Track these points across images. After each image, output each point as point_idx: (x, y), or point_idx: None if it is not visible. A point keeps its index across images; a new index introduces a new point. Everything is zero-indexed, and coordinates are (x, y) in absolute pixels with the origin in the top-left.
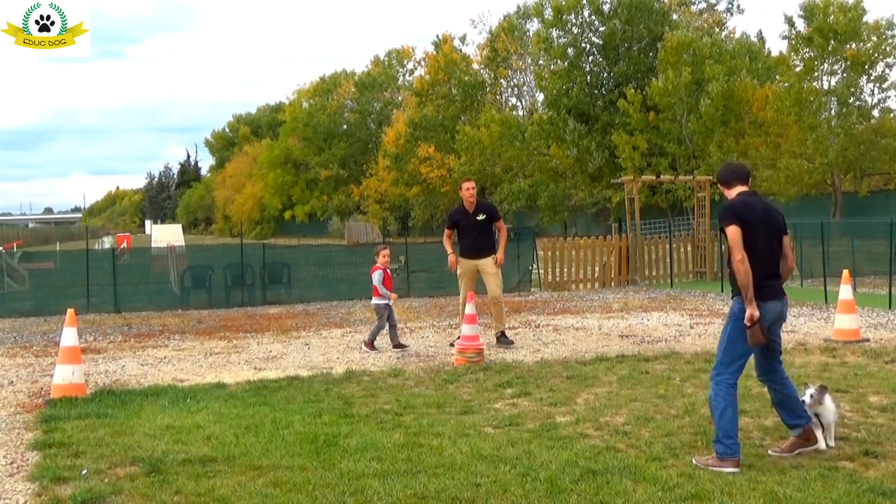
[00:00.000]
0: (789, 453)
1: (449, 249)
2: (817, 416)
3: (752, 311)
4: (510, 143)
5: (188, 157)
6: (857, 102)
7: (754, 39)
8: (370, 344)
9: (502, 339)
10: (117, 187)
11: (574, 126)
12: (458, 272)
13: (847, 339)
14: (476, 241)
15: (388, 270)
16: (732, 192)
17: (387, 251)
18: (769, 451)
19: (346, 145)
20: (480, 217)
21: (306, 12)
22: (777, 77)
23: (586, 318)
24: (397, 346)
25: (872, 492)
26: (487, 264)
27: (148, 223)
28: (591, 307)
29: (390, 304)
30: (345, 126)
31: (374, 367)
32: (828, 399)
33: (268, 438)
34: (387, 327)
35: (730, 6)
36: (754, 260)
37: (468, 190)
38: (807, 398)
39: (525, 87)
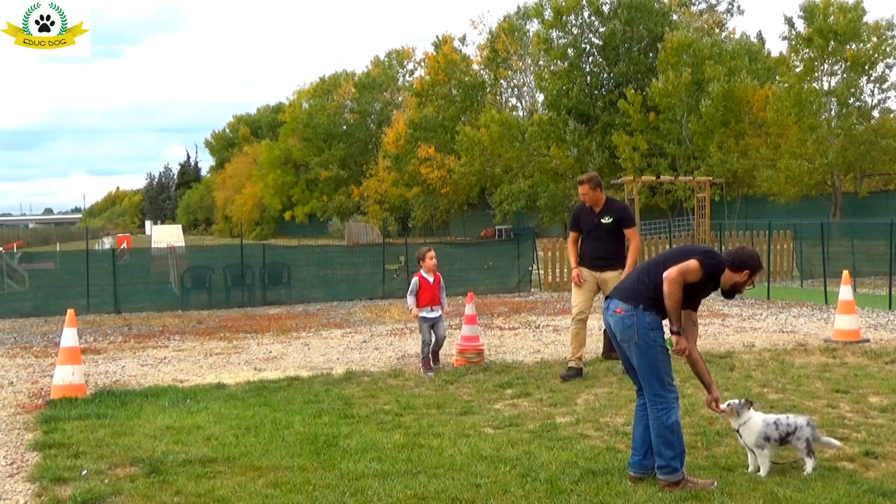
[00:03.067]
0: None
1: (573, 261)
2: (738, 433)
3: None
4: (510, 143)
5: (188, 157)
6: (857, 103)
7: (754, 40)
8: (425, 364)
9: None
10: (117, 188)
11: (574, 126)
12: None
13: (847, 340)
14: (600, 249)
15: (428, 277)
16: (736, 277)
17: (432, 253)
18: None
19: (346, 146)
20: (607, 220)
21: (306, 12)
22: (777, 78)
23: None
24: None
25: (872, 492)
26: (609, 280)
27: (148, 224)
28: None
29: (429, 316)
30: (345, 127)
31: (375, 368)
32: (753, 417)
33: (268, 439)
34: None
35: (730, 7)
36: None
37: (584, 195)
38: (724, 405)
39: (525, 88)
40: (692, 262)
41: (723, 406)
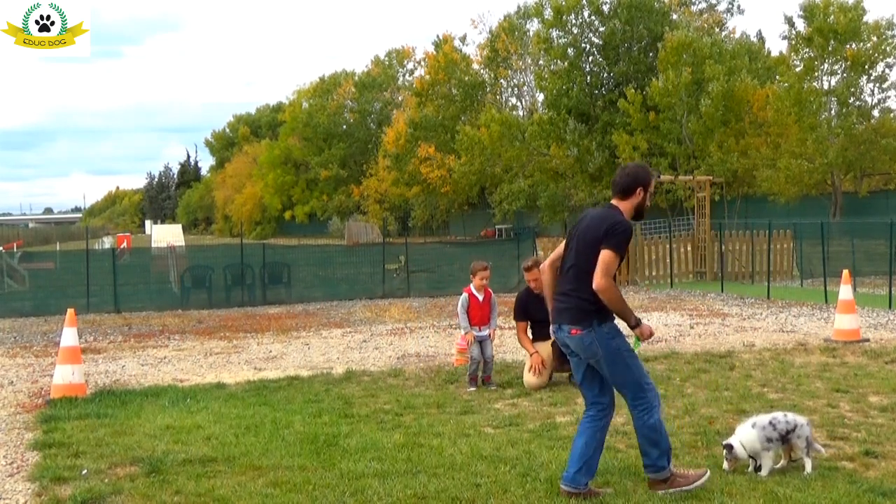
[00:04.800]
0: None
1: (529, 348)
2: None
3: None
4: (510, 143)
5: (188, 157)
6: (857, 102)
7: (754, 39)
8: (471, 379)
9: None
10: (117, 187)
11: (574, 126)
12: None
13: (847, 340)
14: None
15: (478, 295)
16: (626, 204)
17: (487, 272)
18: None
19: (346, 145)
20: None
21: (306, 12)
22: (777, 77)
23: None
24: (479, 380)
25: (872, 492)
26: None
27: (148, 223)
28: None
29: (477, 334)
30: (345, 126)
31: (375, 368)
32: (744, 435)
33: (268, 438)
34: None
35: (730, 6)
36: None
37: (533, 281)
38: (725, 465)
39: (525, 87)
40: (607, 256)
41: (725, 466)
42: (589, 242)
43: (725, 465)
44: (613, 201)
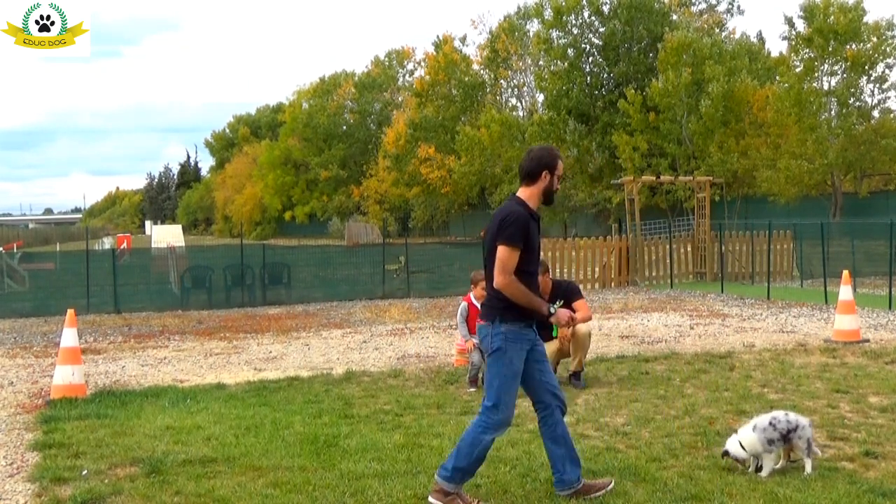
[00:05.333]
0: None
1: None
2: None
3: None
4: (510, 143)
5: (188, 157)
6: (857, 103)
7: (754, 40)
8: (471, 381)
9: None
10: (117, 188)
11: (574, 126)
12: None
13: (847, 340)
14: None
15: (477, 304)
16: (533, 189)
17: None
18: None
19: (346, 146)
20: (558, 305)
21: (306, 12)
22: (777, 78)
23: None
24: (479, 381)
25: (872, 492)
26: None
27: (148, 224)
28: (591, 308)
29: (477, 341)
30: (345, 127)
31: (375, 368)
32: (746, 437)
33: (268, 439)
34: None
35: (730, 7)
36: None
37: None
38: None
39: (525, 88)
40: (502, 252)
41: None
42: (490, 240)
43: (740, 466)
44: (520, 189)
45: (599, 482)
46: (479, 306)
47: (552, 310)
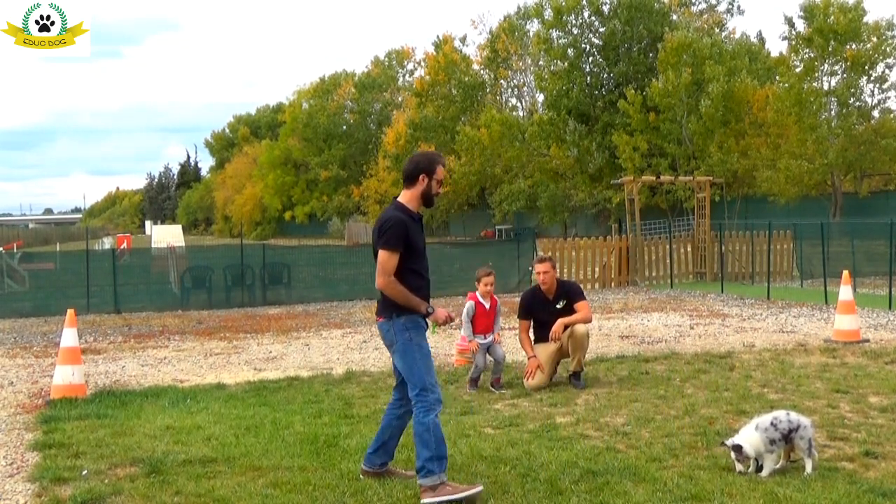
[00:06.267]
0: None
1: (529, 351)
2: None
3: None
4: (510, 143)
5: (188, 157)
6: (857, 103)
7: (754, 40)
8: (470, 382)
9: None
10: (117, 188)
11: (574, 126)
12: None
13: (847, 340)
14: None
15: (484, 302)
16: (413, 192)
17: (491, 277)
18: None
19: (346, 146)
20: (561, 305)
21: (306, 12)
22: (777, 78)
23: None
24: (479, 382)
25: (872, 492)
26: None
27: (148, 224)
28: (591, 308)
29: (482, 342)
30: (345, 127)
31: (375, 368)
32: (749, 437)
33: (268, 439)
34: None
35: (730, 7)
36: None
37: (545, 273)
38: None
39: (525, 88)
40: (381, 256)
41: (740, 469)
42: (374, 245)
43: (739, 467)
44: (402, 192)
45: (462, 486)
46: (486, 305)
47: (430, 309)
